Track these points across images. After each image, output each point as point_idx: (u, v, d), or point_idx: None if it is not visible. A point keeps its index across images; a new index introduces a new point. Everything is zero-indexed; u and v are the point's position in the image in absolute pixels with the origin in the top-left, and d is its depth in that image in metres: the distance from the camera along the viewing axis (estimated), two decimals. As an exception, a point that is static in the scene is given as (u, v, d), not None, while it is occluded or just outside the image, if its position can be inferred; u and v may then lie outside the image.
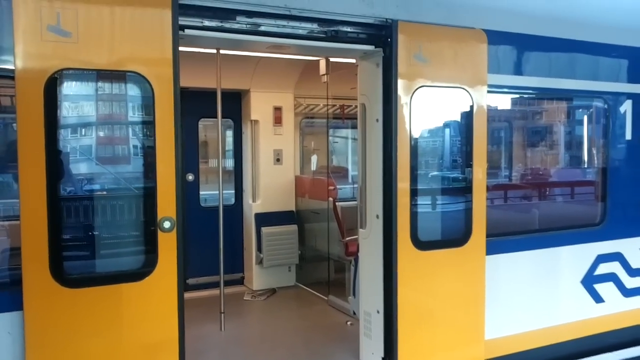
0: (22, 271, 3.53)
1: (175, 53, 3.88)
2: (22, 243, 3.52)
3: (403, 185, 4.71)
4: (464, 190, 5.10)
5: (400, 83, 4.67)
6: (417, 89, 4.74)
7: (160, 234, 3.85)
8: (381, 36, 4.70)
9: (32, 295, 3.55)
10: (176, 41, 3.87)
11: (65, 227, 3.73)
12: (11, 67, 3.48)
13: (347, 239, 6.87)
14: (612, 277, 6.01)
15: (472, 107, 5.00)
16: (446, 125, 5.27)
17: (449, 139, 5.33)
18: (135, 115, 4.11)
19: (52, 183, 3.58)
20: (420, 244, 4.81)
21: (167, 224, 3.85)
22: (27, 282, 3.53)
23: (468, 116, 5.03)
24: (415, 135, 4.80)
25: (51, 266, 3.57)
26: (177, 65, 3.88)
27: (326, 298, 7.28)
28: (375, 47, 4.72)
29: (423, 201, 4.95)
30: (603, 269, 5.94)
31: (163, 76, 3.84)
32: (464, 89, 4.96)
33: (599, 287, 5.92)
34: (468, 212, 5.04)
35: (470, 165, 5.05)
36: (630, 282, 6.11)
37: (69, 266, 3.72)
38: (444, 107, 5.09)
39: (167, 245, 3.88)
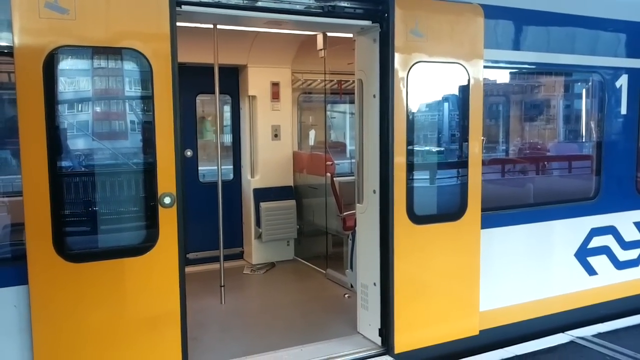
0: (26, 246, 3.59)
1: (173, 29, 3.88)
2: (25, 219, 3.57)
3: (399, 160, 4.74)
4: (460, 164, 5.14)
5: (397, 59, 4.66)
6: (413, 64, 4.74)
7: (160, 209, 3.91)
8: (378, 11, 4.68)
9: (37, 270, 3.62)
10: (174, 17, 3.88)
11: (67, 202, 3.78)
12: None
13: (345, 213, 6.94)
14: (605, 250, 6.10)
15: (468, 82, 5.01)
16: (442, 100, 5.28)
17: (445, 114, 5.34)
18: (134, 91, 4.12)
19: (54, 159, 3.62)
20: (416, 218, 4.87)
21: (167, 200, 3.91)
22: (32, 257, 3.60)
23: (464, 91, 5.04)
24: (412, 110, 4.82)
25: (55, 242, 3.63)
26: (175, 42, 3.89)
27: (324, 271, 7.38)
28: (372, 23, 4.71)
29: (419, 176, 5.00)
30: (597, 242, 6.02)
31: (161, 52, 3.86)
32: (460, 64, 4.96)
33: (593, 260, 6.01)
34: (464, 186, 5.09)
35: (466, 140, 5.08)
36: (623, 255, 6.20)
37: (72, 241, 3.78)
38: (440, 83, 5.09)
39: (168, 221, 3.94)
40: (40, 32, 3.53)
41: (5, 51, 3.56)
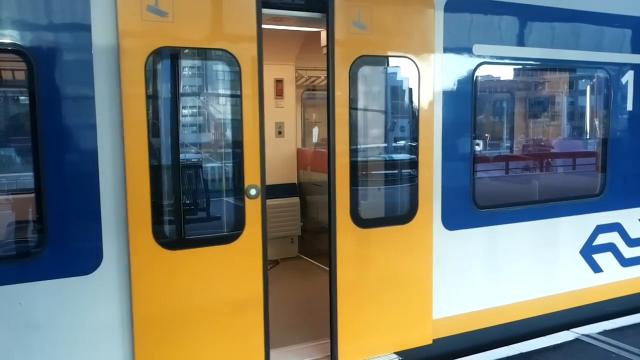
0: (129, 235, 3.76)
1: (259, 31, 4.02)
2: (128, 210, 3.73)
3: (342, 160, 4.54)
4: (409, 164, 4.93)
5: (338, 52, 4.45)
6: (356, 58, 4.52)
7: (247, 200, 4.08)
8: (320, 2, 4.44)
9: (137, 257, 3.80)
10: (260, 19, 4.00)
11: (164, 194, 3.97)
12: None
13: (349, 210, 6.91)
14: (610, 247, 6.08)
15: (418, 77, 4.75)
16: (390, 96, 5.09)
17: (393, 111, 5.12)
18: (224, 90, 4.29)
19: (153, 154, 3.82)
20: (362, 222, 4.67)
21: (253, 192, 4.10)
22: (133, 245, 3.78)
23: (414, 87, 4.80)
24: (355, 107, 4.60)
25: (154, 231, 3.82)
26: (261, 43, 4.04)
27: (328, 269, 7.35)
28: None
29: (364, 177, 4.81)
30: (602, 239, 6.00)
31: (249, 53, 4.02)
32: (409, 58, 4.72)
33: (598, 257, 5.99)
34: (413, 187, 4.85)
35: (417, 138, 4.80)
36: (628, 252, 6.18)
37: (168, 230, 4.00)
38: (387, 78, 4.96)
39: (253, 211, 4.12)
40: (142, 34, 3.70)
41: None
